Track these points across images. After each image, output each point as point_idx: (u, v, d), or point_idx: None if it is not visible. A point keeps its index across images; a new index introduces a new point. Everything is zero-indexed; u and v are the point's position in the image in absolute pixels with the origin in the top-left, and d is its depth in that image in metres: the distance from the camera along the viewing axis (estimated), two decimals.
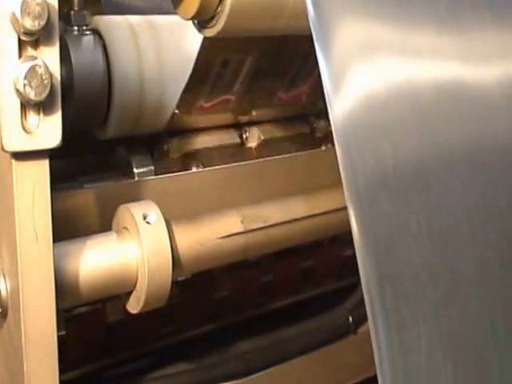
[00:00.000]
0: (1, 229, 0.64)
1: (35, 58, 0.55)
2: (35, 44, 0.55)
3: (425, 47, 0.52)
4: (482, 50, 0.54)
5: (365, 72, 0.49)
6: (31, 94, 0.55)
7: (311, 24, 0.48)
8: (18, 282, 0.61)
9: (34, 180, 0.59)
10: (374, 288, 0.45)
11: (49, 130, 0.57)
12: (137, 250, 0.70)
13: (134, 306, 0.73)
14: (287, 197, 0.88)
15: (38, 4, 0.53)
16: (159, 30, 0.84)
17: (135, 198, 0.79)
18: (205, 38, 0.73)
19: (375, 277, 0.46)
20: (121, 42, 0.80)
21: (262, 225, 0.82)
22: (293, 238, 0.88)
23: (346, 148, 0.48)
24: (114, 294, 0.73)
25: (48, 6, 0.54)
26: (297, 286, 1.11)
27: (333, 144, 1.05)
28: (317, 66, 0.48)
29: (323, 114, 1.05)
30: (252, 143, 0.97)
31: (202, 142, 0.92)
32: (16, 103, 0.55)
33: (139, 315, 0.74)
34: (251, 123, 0.98)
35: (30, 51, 0.55)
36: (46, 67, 0.55)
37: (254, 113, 0.97)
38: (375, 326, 0.45)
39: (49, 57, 0.56)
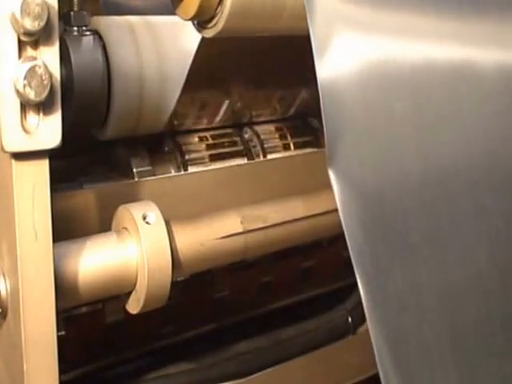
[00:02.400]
0: (1, 229, 0.64)
1: (35, 59, 0.55)
2: (35, 44, 0.55)
3: (420, 26, 0.52)
4: (480, 34, 0.54)
5: (356, 39, 0.49)
6: (31, 94, 0.55)
7: (310, 24, 0.48)
8: (17, 282, 0.61)
9: (34, 180, 0.59)
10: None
11: (49, 130, 0.57)
12: (136, 250, 0.70)
13: (133, 306, 0.73)
14: (287, 197, 0.88)
15: (37, 4, 0.53)
16: (159, 30, 0.84)
17: (135, 198, 0.79)
18: (202, 38, 0.73)
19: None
20: (121, 43, 0.80)
21: (261, 225, 0.82)
22: (292, 238, 0.88)
23: (330, 113, 0.48)
24: (114, 295, 0.73)
25: (48, 6, 0.54)
26: (296, 286, 1.11)
27: None
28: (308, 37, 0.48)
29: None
30: (252, 144, 0.97)
31: (202, 142, 0.93)
32: (16, 103, 0.55)
33: (139, 315, 0.74)
34: (251, 123, 0.98)
35: (29, 51, 0.55)
36: (46, 67, 0.55)
37: (253, 113, 0.97)
38: None
39: (49, 57, 0.56)
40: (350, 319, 1.11)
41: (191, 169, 0.90)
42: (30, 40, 0.55)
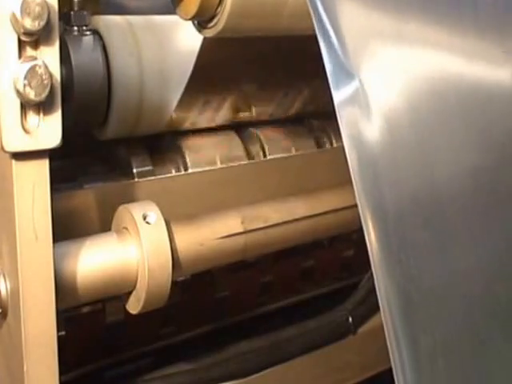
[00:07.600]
0: (1, 229, 0.64)
1: (35, 58, 0.55)
2: (35, 44, 0.55)
3: (442, 45, 0.52)
4: (497, 49, 0.54)
5: (376, 71, 0.49)
6: (31, 94, 0.55)
7: (315, 21, 0.48)
8: (17, 282, 0.61)
9: (34, 180, 0.59)
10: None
11: (49, 130, 0.57)
12: (137, 250, 0.70)
13: (134, 306, 0.73)
14: (287, 197, 0.88)
15: (37, 4, 0.53)
16: (159, 30, 0.84)
17: (135, 198, 0.79)
18: (205, 38, 0.73)
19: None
20: (121, 42, 0.80)
21: (261, 225, 0.82)
22: (293, 238, 0.88)
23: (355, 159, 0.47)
24: (114, 295, 0.73)
25: (48, 6, 0.54)
26: (297, 287, 1.11)
27: (332, 145, 1.04)
28: (321, 62, 0.48)
29: (324, 115, 1.05)
30: (252, 144, 0.97)
31: (202, 142, 0.92)
32: (16, 103, 0.55)
33: (139, 315, 0.74)
34: (251, 124, 0.98)
35: (29, 51, 0.55)
36: (46, 67, 0.55)
37: (254, 113, 0.97)
38: None
39: (49, 57, 0.56)
40: (350, 319, 1.11)
41: (191, 169, 0.90)
42: (30, 40, 0.55)
